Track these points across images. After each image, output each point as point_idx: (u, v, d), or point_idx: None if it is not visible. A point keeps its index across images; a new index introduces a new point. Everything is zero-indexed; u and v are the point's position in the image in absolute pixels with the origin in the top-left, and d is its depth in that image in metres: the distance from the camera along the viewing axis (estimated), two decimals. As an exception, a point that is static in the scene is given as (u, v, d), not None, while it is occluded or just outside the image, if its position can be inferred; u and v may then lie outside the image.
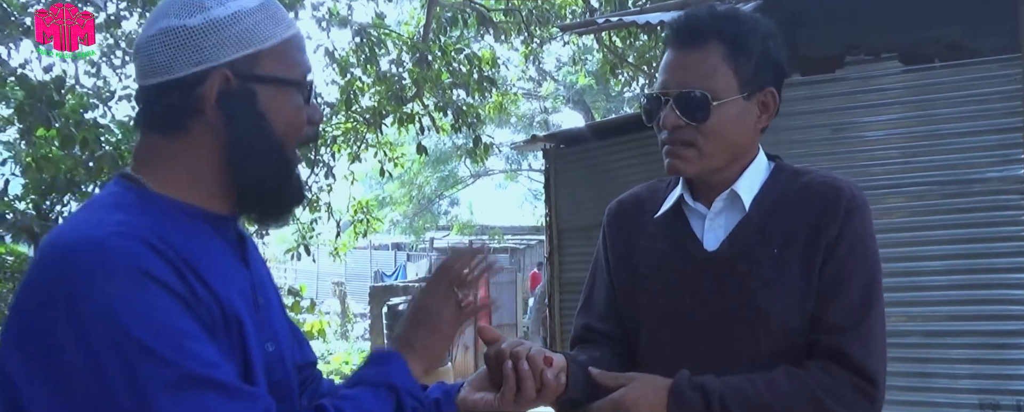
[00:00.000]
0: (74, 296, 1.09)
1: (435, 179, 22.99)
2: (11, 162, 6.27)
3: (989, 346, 4.06)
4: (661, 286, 1.67)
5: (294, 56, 1.31)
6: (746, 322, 1.58)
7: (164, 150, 1.26)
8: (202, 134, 1.25)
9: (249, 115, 1.25)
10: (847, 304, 1.56)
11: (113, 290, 1.09)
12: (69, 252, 1.12)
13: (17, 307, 1.15)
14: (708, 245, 1.65)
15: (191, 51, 1.22)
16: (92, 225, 1.16)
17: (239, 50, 1.24)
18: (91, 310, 1.08)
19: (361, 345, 14.77)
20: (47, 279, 1.12)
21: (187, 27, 1.22)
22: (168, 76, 1.23)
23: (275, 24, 1.28)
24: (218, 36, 1.23)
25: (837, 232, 1.57)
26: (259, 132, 1.26)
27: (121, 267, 1.10)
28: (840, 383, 1.52)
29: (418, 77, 8.55)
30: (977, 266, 4.11)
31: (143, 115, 1.28)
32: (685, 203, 1.70)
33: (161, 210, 1.22)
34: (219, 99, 1.23)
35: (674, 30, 1.62)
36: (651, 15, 4.79)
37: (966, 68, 4.13)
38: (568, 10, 10.22)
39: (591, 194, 6.66)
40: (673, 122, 1.57)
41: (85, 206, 1.26)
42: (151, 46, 1.24)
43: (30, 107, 4.81)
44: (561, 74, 20.57)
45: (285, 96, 1.29)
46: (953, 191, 4.15)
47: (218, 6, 1.24)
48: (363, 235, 11.70)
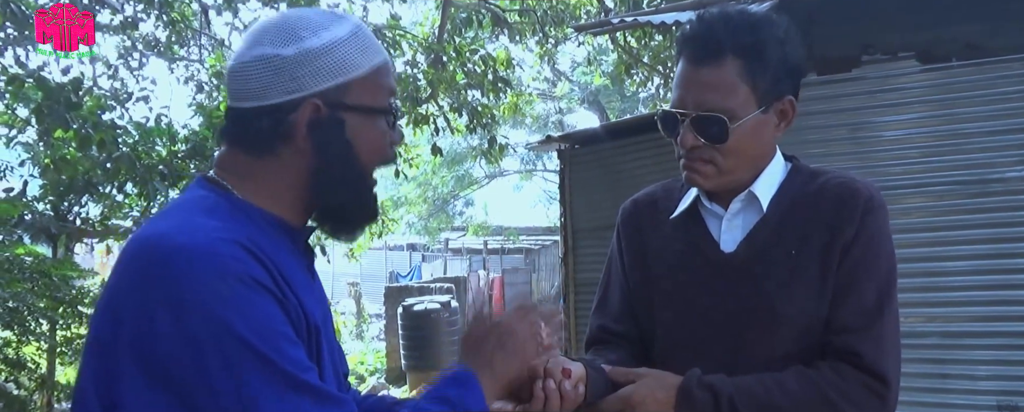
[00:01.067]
0: (182, 297, 1.12)
1: (450, 180, 23.00)
2: (29, 163, 6.33)
3: (1008, 347, 4.02)
4: (676, 287, 1.67)
5: (382, 83, 1.34)
6: (762, 323, 1.57)
7: (249, 166, 1.31)
8: (290, 158, 1.30)
9: (337, 143, 1.30)
10: (860, 305, 1.55)
11: (221, 292, 1.12)
12: (175, 254, 1.14)
13: (112, 304, 1.17)
14: (725, 246, 1.64)
15: (285, 80, 1.26)
16: (195, 229, 1.18)
17: (331, 80, 1.28)
18: (199, 311, 1.11)
19: (376, 345, 14.80)
20: (150, 279, 1.14)
21: (281, 56, 1.26)
22: (261, 102, 1.27)
23: (366, 53, 1.31)
24: (312, 66, 1.27)
25: (853, 233, 1.56)
26: (345, 160, 1.31)
27: (230, 271, 1.14)
28: (851, 383, 1.51)
29: (433, 78, 8.56)
30: (997, 266, 4.08)
31: (232, 133, 1.33)
32: (702, 204, 1.69)
33: (250, 218, 1.27)
34: (309, 127, 1.27)
35: (689, 43, 1.58)
36: (666, 15, 4.77)
37: (984, 67, 4.10)
38: (583, 10, 10.20)
39: (606, 194, 6.64)
40: (691, 142, 1.56)
41: (177, 208, 1.29)
42: (246, 72, 1.28)
43: (48, 109, 4.84)
44: (576, 74, 20.53)
45: (371, 123, 1.33)
46: (972, 191, 4.12)
47: (312, 36, 1.28)
48: (378, 236, 11.73)
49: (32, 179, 6.04)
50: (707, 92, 1.54)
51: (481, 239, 22.65)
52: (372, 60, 1.32)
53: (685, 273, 1.67)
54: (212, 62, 9.14)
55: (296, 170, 1.30)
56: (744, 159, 1.59)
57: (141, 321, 1.12)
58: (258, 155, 1.30)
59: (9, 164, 6.45)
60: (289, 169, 1.30)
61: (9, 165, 6.44)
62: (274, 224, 1.30)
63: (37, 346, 5.63)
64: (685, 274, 1.67)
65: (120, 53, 8.86)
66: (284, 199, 1.32)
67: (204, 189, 1.31)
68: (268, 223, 1.29)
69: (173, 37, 8.92)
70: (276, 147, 1.29)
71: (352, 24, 1.33)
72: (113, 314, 1.16)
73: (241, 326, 1.12)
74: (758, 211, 1.63)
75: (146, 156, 5.74)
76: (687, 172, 1.61)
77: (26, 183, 5.85)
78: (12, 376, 5.35)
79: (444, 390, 1.36)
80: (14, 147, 6.57)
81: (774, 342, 1.57)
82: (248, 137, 1.29)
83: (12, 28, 5.40)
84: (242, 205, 1.28)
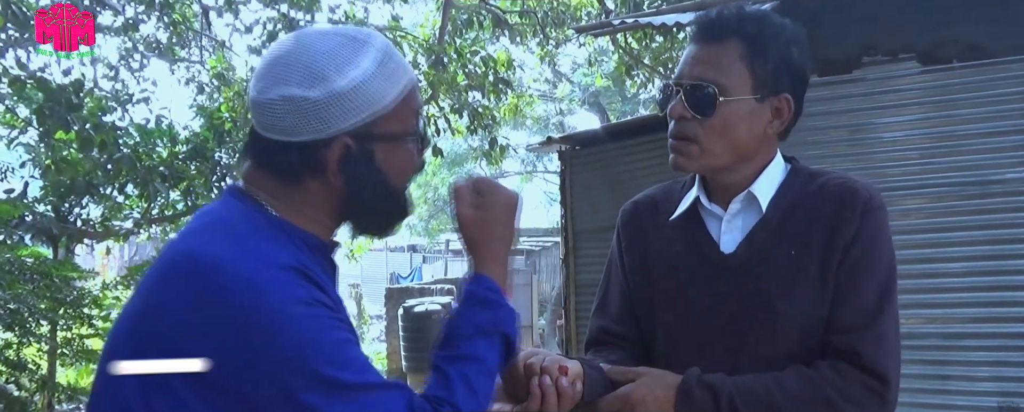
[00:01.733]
0: (258, 332, 1.16)
1: (451, 180, 22.99)
2: (30, 165, 6.33)
3: (1009, 348, 4.02)
4: (676, 288, 1.67)
5: (409, 106, 1.35)
6: (762, 324, 1.57)
7: (279, 189, 1.32)
8: (320, 188, 1.31)
9: (369, 174, 1.31)
10: (860, 305, 1.55)
11: (293, 322, 1.17)
12: (243, 288, 1.17)
13: (161, 324, 1.20)
14: (725, 247, 1.64)
15: (314, 121, 1.26)
16: (253, 257, 1.21)
17: (360, 115, 1.28)
18: (274, 343, 1.16)
19: (377, 347, 14.80)
20: (217, 309, 1.17)
21: (309, 99, 1.25)
22: (291, 138, 1.27)
23: (392, 81, 1.31)
24: (340, 107, 1.26)
25: (854, 233, 1.56)
26: (377, 187, 1.33)
27: (300, 298, 1.19)
28: (851, 382, 1.51)
29: (434, 79, 8.57)
30: (997, 268, 4.07)
31: (259, 157, 1.33)
32: (701, 205, 1.69)
33: (289, 237, 1.29)
34: (340, 163, 1.28)
35: (698, 25, 1.62)
36: (667, 16, 4.78)
37: (985, 69, 4.10)
38: (583, 12, 10.21)
39: (607, 196, 6.64)
40: (679, 112, 1.58)
41: (221, 223, 1.29)
42: (273, 109, 1.27)
43: (49, 110, 4.85)
44: (577, 76, 20.55)
45: (401, 148, 1.34)
46: (972, 192, 4.12)
47: (338, 76, 1.26)
48: (379, 237, 11.72)
49: (33, 180, 6.05)
50: (704, 66, 1.57)
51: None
52: (398, 86, 1.31)
53: (685, 274, 1.67)
54: (213, 64, 9.15)
55: (327, 198, 1.32)
56: (729, 142, 1.58)
57: (211, 352, 1.16)
58: (287, 182, 1.31)
59: (10, 165, 6.46)
60: (320, 197, 1.32)
61: (10, 166, 6.45)
62: (309, 242, 1.31)
63: (38, 347, 5.63)
64: (685, 275, 1.67)
65: (121, 55, 8.87)
66: (315, 219, 1.33)
67: (241, 202, 1.32)
68: (304, 241, 1.31)
69: (174, 39, 8.93)
70: (305, 178, 1.30)
71: (377, 51, 1.30)
72: (165, 336, 1.18)
73: (314, 356, 1.17)
74: (757, 212, 1.63)
75: (147, 157, 5.75)
76: (673, 154, 1.62)
77: (27, 184, 5.86)
78: (13, 377, 5.36)
79: (472, 317, 1.39)
80: (15, 148, 6.59)
81: (775, 342, 1.57)
82: (277, 166, 1.30)
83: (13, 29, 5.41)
84: (279, 223, 1.30)
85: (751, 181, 1.63)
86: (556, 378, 1.48)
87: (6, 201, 5.32)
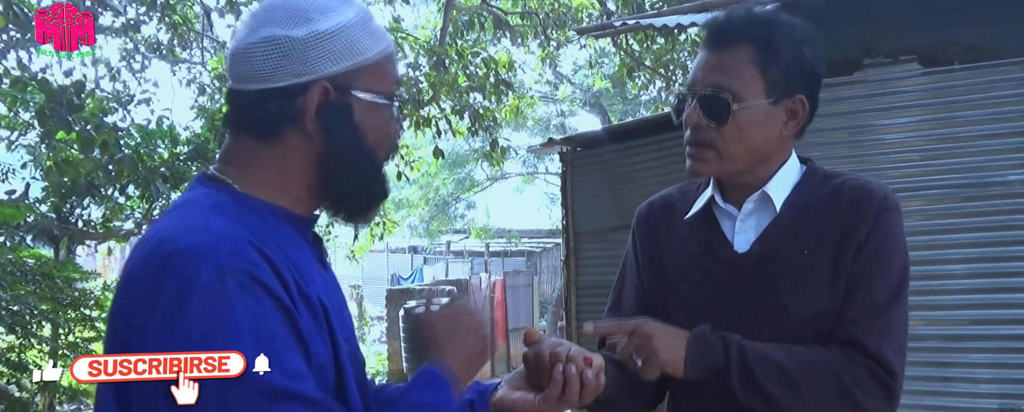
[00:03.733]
0: (182, 296, 1.10)
1: (452, 182, 23.01)
2: (32, 166, 6.34)
3: (1010, 350, 4.02)
4: (691, 287, 1.68)
5: (389, 70, 1.34)
6: (775, 323, 1.58)
7: (255, 153, 1.29)
8: (297, 143, 1.28)
9: (346, 128, 1.28)
10: (868, 302, 1.56)
11: (222, 292, 1.10)
12: (179, 254, 1.13)
13: (120, 309, 1.17)
14: (738, 246, 1.65)
15: (295, 62, 1.24)
16: (197, 228, 1.17)
17: (341, 63, 1.27)
18: (196, 311, 1.10)
19: (378, 348, 14.80)
20: (155, 280, 1.13)
21: (292, 38, 1.24)
22: (269, 84, 1.26)
23: (374, 38, 1.31)
24: (322, 49, 1.25)
25: (867, 232, 1.57)
26: (354, 144, 1.30)
27: (232, 271, 1.12)
28: (858, 365, 1.52)
29: (435, 81, 8.57)
30: (997, 270, 4.07)
31: (236, 117, 1.31)
32: (715, 204, 1.70)
33: (255, 212, 1.25)
34: (319, 111, 1.26)
35: (708, 30, 1.63)
36: (668, 18, 4.78)
37: (986, 71, 4.10)
38: (585, 13, 10.21)
39: (608, 197, 6.65)
40: (694, 120, 1.59)
41: (182, 207, 1.26)
42: (252, 53, 1.26)
43: (50, 111, 4.85)
44: (578, 77, 20.54)
45: (379, 110, 1.32)
46: (973, 194, 4.12)
47: (323, 19, 1.26)
48: (379, 238, 11.73)
49: (34, 181, 6.06)
50: (717, 72, 1.58)
51: (483, 242, 22.65)
52: (379, 45, 1.32)
53: (699, 274, 1.68)
54: (214, 65, 9.15)
55: (303, 155, 1.29)
56: (745, 148, 1.59)
57: (145, 323, 1.12)
58: (264, 140, 1.28)
59: (11, 166, 6.46)
60: (296, 154, 1.28)
61: (11, 167, 6.45)
62: (280, 216, 1.28)
63: (39, 349, 5.64)
64: (699, 275, 1.68)
65: (122, 55, 8.87)
66: (290, 189, 1.30)
67: (206, 186, 1.29)
68: (273, 215, 1.27)
69: (175, 40, 8.92)
70: (283, 131, 1.27)
71: (359, 8, 1.31)
72: (128, 322, 1.15)
73: (236, 330, 1.10)
74: (772, 212, 1.64)
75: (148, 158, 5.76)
76: (690, 161, 1.62)
77: (28, 185, 5.86)
78: (14, 378, 5.36)
79: (418, 395, 1.36)
80: (16, 149, 6.59)
81: (788, 342, 1.57)
82: (254, 121, 1.28)
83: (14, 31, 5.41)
84: (246, 199, 1.27)
85: (766, 181, 1.64)
86: (581, 369, 1.47)
87: (9, 203, 5.32)
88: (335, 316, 1.28)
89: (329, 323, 1.25)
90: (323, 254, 1.40)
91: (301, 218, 1.33)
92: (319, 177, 1.30)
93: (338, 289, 1.41)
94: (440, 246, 24.21)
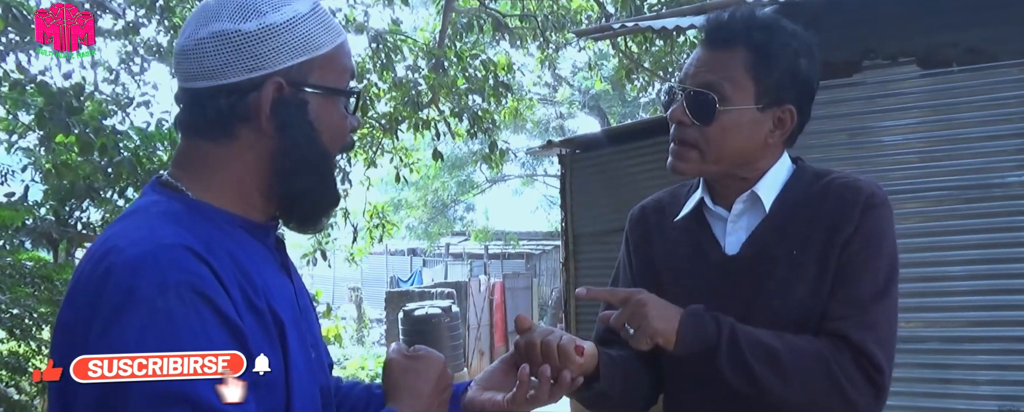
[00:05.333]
0: (121, 308, 1.06)
1: (451, 184, 23.01)
2: (31, 168, 6.33)
3: (1010, 352, 4.02)
4: (682, 290, 1.67)
5: (343, 63, 1.29)
6: (766, 322, 1.57)
7: (208, 155, 1.25)
8: (250, 141, 1.23)
9: (301, 124, 1.24)
10: (854, 296, 1.55)
11: (162, 306, 1.06)
12: (121, 265, 1.09)
13: (63, 319, 1.13)
14: (729, 248, 1.65)
15: (246, 57, 1.20)
16: (144, 238, 1.12)
17: (294, 57, 1.22)
18: (134, 324, 1.05)
19: (377, 350, 14.79)
20: (96, 291, 1.09)
21: (242, 32, 1.20)
22: (220, 81, 1.21)
23: (327, 31, 1.26)
24: (274, 43, 1.21)
25: (852, 229, 1.56)
26: (309, 142, 1.25)
27: (174, 283, 1.07)
28: (844, 357, 1.51)
29: (434, 83, 8.57)
30: (997, 271, 4.08)
31: (187, 118, 1.26)
32: (706, 206, 1.69)
33: (208, 219, 1.20)
34: (273, 107, 1.21)
35: (708, 28, 1.62)
36: (667, 20, 4.78)
37: (985, 72, 4.11)
38: (583, 15, 10.22)
39: (607, 199, 6.65)
40: (678, 117, 1.59)
41: (130, 216, 1.22)
42: (202, 49, 1.21)
43: (50, 114, 4.85)
44: (577, 79, 20.55)
45: (333, 105, 1.28)
46: (972, 196, 4.12)
47: (273, 12, 1.22)
48: (379, 240, 11.72)
49: (33, 184, 6.05)
50: (707, 71, 1.57)
51: (482, 244, 22.65)
52: (334, 39, 1.27)
53: (690, 276, 1.67)
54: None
55: (257, 154, 1.23)
56: (728, 151, 1.58)
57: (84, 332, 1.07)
58: (216, 140, 1.23)
59: (11, 169, 6.46)
60: (250, 153, 1.23)
61: (11, 170, 6.45)
62: (235, 223, 1.23)
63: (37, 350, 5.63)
64: (690, 277, 1.67)
65: (121, 58, 8.86)
66: (244, 194, 1.25)
67: (157, 193, 1.24)
68: (230, 223, 1.22)
69: (174, 42, 8.92)
70: (235, 129, 1.22)
71: (311, 0, 1.27)
72: (69, 332, 1.10)
73: (156, 342, 1.05)
74: (761, 212, 1.63)
75: (147, 161, 5.75)
76: (671, 158, 1.62)
77: (28, 188, 5.86)
78: (13, 381, 5.35)
79: None
80: (15, 152, 6.58)
81: None
82: (205, 120, 1.22)
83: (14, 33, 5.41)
84: (198, 206, 1.21)
85: (755, 182, 1.64)
86: (557, 368, 1.47)
87: (8, 205, 5.32)
88: (294, 326, 1.23)
89: (283, 335, 1.20)
90: (285, 261, 1.35)
91: (259, 225, 1.28)
92: (272, 177, 1.25)
93: (305, 295, 1.37)
94: (439, 248, 24.21)
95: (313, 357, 1.28)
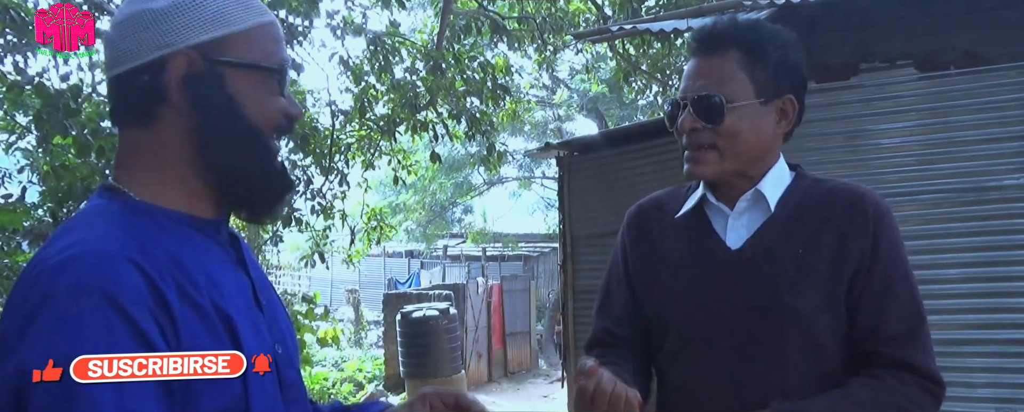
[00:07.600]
0: (34, 314, 1.04)
1: (449, 187, 23.01)
2: (28, 170, 6.33)
3: (1007, 355, 4.03)
4: (683, 285, 1.69)
5: (266, 44, 1.26)
6: (771, 319, 1.60)
7: (140, 145, 1.23)
8: (172, 121, 1.21)
9: (217, 98, 1.21)
10: (901, 312, 1.60)
11: (74, 314, 1.03)
12: (46, 270, 1.07)
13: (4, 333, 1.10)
14: (731, 243, 1.67)
15: (156, 34, 1.19)
16: (74, 243, 1.10)
17: (206, 32, 1.20)
18: (43, 329, 1.03)
19: (374, 352, 14.79)
20: (22, 294, 1.08)
21: (152, 10, 1.19)
22: (134, 62, 1.20)
23: (246, 8, 1.24)
24: (184, 18, 1.19)
25: (872, 241, 1.60)
26: (229, 115, 1.22)
27: (89, 291, 1.04)
28: (913, 388, 1.58)
29: (432, 85, 8.56)
30: (994, 274, 4.08)
31: (114, 106, 1.24)
32: (708, 202, 1.72)
33: (148, 218, 1.18)
34: (184, 81, 1.19)
35: (696, 39, 1.67)
36: (664, 23, 4.79)
37: (983, 75, 4.11)
38: (581, 18, 10.22)
39: (605, 202, 6.65)
40: (690, 125, 1.62)
41: (71, 222, 1.20)
42: (120, 32, 1.21)
43: (47, 115, 4.85)
44: (575, 82, 20.56)
45: (257, 81, 1.24)
46: (969, 199, 4.13)
47: None
48: (377, 242, 11.72)
49: (31, 185, 6.04)
50: (706, 78, 1.62)
51: (480, 246, 22.65)
52: (255, 18, 1.25)
53: (691, 271, 1.69)
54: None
55: (180, 135, 1.21)
56: (744, 148, 1.63)
57: (4, 340, 1.05)
58: (142, 126, 1.21)
59: (8, 171, 6.45)
60: (173, 135, 1.21)
61: (8, 172, 6.44)
62: (179, 221, 1.21)
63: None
64: (691, 272, 1.69)
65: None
66: (185, 184, 1.22)
67: (101, 198, 1.22)
68: (171, 220, 1.20)
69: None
70: (155, 110, 1.20)
71: None
72: (3, 340, 1.07)
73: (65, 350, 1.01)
74: (765, 210, 1.67)
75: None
76: (689, 165, 1.66)
77: (25, 189, 5.85)
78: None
79: None
80: (13, 153, 6.58)
81: (782, 338, 1.60)
82: (128, 106, 1.21)
83: (12, 35, 5.41)
84: (141, 207, 1.19)
85: (757, 181, 1.67)
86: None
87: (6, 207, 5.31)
88: (248, 322, 1.21)
89: (232, 331, 1.16)
90: (242, 256, 1.32)
91: (205, 221, 1.25)
92: (201, 158, 1.22)
93: (267, 290, 1.35)
94: (437, 251, 24.21)
95: (280, 353, 1.26)
